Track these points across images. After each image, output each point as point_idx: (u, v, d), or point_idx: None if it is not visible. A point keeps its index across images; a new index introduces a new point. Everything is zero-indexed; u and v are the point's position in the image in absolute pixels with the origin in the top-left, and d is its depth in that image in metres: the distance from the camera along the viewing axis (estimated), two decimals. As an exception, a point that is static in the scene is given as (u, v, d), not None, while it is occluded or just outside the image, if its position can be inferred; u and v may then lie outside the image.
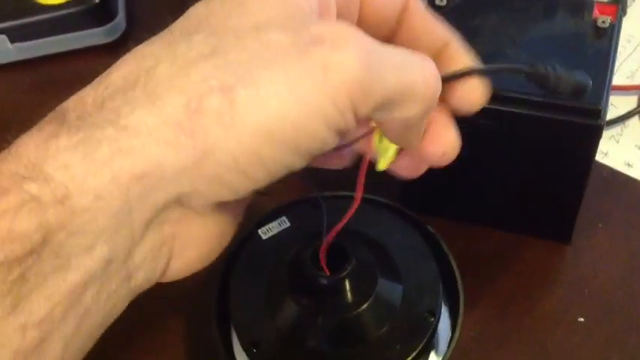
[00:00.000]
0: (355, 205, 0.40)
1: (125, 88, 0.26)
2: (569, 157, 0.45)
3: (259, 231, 0.49)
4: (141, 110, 0.26)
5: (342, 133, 0.28)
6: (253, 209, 0.51)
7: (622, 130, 0.59)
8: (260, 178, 0.27)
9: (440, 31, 0.33)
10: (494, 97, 0.43)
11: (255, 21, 0.27)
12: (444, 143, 0.34)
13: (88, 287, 0.26)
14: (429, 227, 0.49)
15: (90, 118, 0.26)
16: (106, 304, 0.27)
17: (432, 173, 0.52)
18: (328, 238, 0.42)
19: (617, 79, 0.62)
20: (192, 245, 0.31)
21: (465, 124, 0.46)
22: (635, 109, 0.60)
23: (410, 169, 0.37)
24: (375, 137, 0.36)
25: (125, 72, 0.27)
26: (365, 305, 0.44)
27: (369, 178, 0.57)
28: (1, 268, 0.24)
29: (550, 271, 0.52)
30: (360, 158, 0.37)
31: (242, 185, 0.27)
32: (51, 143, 0.25)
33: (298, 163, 0.28)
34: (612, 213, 0.54)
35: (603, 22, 0.45)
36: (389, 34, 0.34)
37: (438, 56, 0.33)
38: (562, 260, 0.52)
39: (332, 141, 0.27)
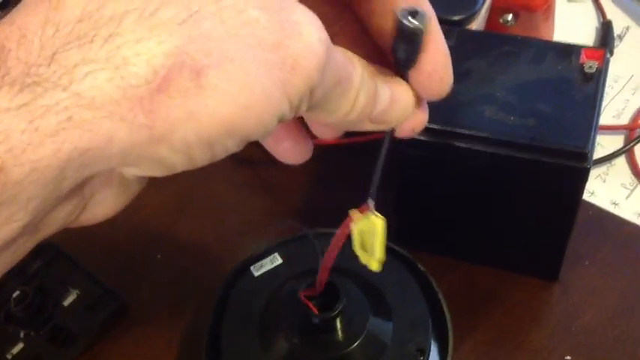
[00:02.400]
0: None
1: (81, 36, 0.23)
2: (557, 199, 0.46)
3: (252, 268, 0.49)
4: (100, 75, 0.22)
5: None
6: (246, 246, 0.52)
7: (608, 170, 0.60)
8: (201, 162, 0.26)
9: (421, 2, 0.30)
10: (484, 140, 0.45)
11: None
12: (414, 122, 0.33)
13: None
14: (420, 265, 0.50)
15: (37, 71, 0.22)
16: (9, 258, 0.25)
17: (424, 211, 0.53)
18: (320, 279, 0.42)
19: (604, 119, 0.64)
20: (106, 202, 0.28)
21: (457, 165, 0.47)
22: (622, 148, 0.61)
23: None
24: (355, 242, 0.35)
25: (82, 7, 0.23)
26: (356, 343, 0.45)
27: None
28: None
29: (538, 308, 0.53)
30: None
31: (181, 166, 0.26)
32: None
33: (238, 148, 0.26)
34: (599, 251, 0.55)
35: (590, 67, 0.46)
36: None
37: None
38: (550, 297, 0.53)
39: (272, 132, 0.27)
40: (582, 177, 0.44)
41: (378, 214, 0.33)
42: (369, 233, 0.34)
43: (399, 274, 0.49)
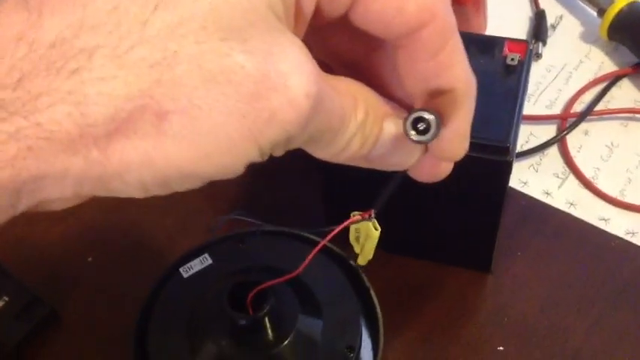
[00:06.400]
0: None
1: (50, 64, 0.22)
2: (483, 191, 0.46)
3: (181, 269, 0.49)
4: (60, 109, 0.22)
5: None
6: (175, 247, 0.51)
7: (541, 160, 0.61)
8: (158, 194, 0.25)
9: (455, 73, 0.28)
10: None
11: (229, 19, 0.23)
12: (429, 170, 0.32)
13: None
14: (351, 261, 0.49)
15: (2, 95, 0.22)
16: None
17: (352, 206, 0.53)
18: (259, 288, 0.42)
19: (537, 109, 0.64)
20: (60, 203, 0.27)
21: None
22: (554, 138, 0.61)
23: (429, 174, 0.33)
24: (351, 234, 0.37)
25: (58, 31, 0.22)
26: (286, 342, 0.44)
27: (292, 209, 0.58)
28: None
29: (471, 300, 0.53)
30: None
31: (137, 195, 0.25)
32: None
33: (198, 186, 0.26)
34: (531, 242, 0.55)
35: (512, 59, 0.46)
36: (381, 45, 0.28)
37: (431, 97, 0.28)
38: (483, 289, 0.53)
39: (240, 173, 0.26)
40: (505, 170, 0.44)
41: (377, 225, 0.37)
42: (364, 234, 0.38)
43: (329, 270, 0.49)
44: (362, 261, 0.39)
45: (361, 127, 0.27)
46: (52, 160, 0.23)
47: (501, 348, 0.50)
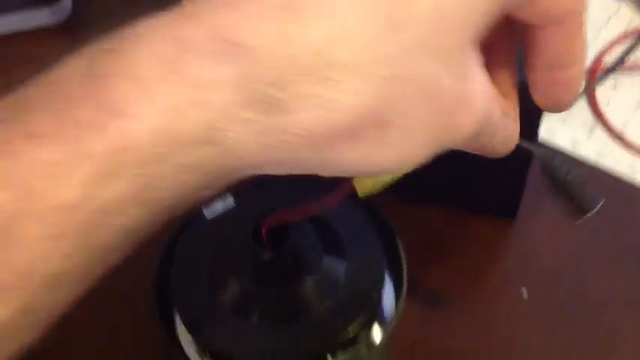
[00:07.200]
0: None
1: (307, 72, 0.25)
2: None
3: (204, 210, 0.49)
4: (313, 111, 0.25)
5: None
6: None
7: (569, 112, 0.60)
8: None
9: (581, 47, 0.30)
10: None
11: (444, 42, 0.26)
12: None
13: None
14: (374, 205, 0.49)
15: (269, 91, 0.25)
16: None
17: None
18: (272, 220, 0.42)
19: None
20: None
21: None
22: (582, 91, 0.61)
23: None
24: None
25: (318, 39, 0.25)
26: (309, 281, 0.44)
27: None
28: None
29: (496, 246, 0.53)
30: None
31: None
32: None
33: None
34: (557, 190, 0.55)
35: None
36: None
37: (553, 69, 0.32)
38: (507, 235, 0.53)
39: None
40: (537, 113, 0.43)
41: None
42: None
43: (353, 213, 0.49)
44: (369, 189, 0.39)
45: (496, 125, 0.31)
46: (295, 153, 0.26)
47: (525, 294, 0.50)
